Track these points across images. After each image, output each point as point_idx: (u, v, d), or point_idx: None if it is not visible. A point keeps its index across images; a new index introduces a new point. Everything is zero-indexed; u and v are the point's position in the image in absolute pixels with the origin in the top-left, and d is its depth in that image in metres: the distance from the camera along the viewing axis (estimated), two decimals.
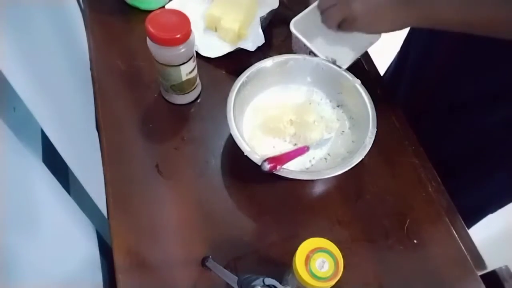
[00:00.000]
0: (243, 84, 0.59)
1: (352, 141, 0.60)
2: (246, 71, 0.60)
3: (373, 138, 0.54)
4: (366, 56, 0.73)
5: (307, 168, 0.58)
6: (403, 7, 0.52)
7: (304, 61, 0.63)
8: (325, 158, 0.59)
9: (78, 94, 0.66)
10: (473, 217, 0.75)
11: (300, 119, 0.61)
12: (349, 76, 0.60)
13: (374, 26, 0.55)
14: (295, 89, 0.65)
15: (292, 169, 0.54)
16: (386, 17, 0.53)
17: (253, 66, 0.61)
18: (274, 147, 0.59)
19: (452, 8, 0.50)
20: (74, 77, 0.67)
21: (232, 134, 0.54)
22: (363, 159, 0.53)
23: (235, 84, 0.59)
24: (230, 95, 0.58)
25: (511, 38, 0.48)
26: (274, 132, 0.60)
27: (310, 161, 0.59)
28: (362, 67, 0.71)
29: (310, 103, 0.64)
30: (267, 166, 0.50)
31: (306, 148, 0.57)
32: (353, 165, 0.53)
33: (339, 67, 0.61)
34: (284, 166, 0.53)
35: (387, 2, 0.52)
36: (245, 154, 0.53)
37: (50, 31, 0.57)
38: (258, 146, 0.59)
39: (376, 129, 0.55)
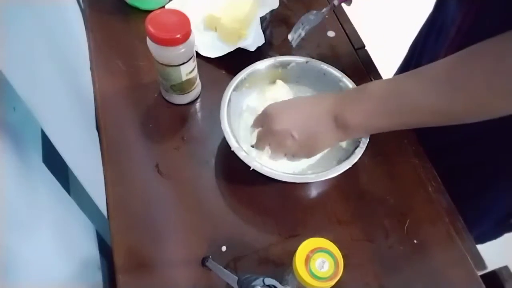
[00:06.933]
0: (241, 82, 0.60)
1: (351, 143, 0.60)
2: (245, 69, 0.61)
3: (364, 148, 0.54)
4: (367, 60, 0.73)
5: (307, 167, 0.58)
6: (336, 130, 0.50)
7: (307, 64, 0.63)
8: (319, 162, 0.59)
9: (78, 94, 0.66)
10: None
11: None
12: (349, 83, 0.60)
13: (313, 152, 0.54)
14: (295, 90, 0.65)
15: (290, 172, 0.54)
16: (322, 142, 0.52)
17: (253, 64, 0.61)
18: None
19: (385, 119, 0.48)
20: (74, 78, 0.67)
21: (223, 129, 0.55)
22: (363, 159, 0.53)
23: (232, 80, 0.60)
24: (226, 91, 0.58)
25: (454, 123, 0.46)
26: None
27: (298, 164, 0.58)
28: (362, 70, 0.71)
29: None
30: None
31: None
32: (340, 172, 0.53)
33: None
34: (282, 169, 0.53)
35: (320, 129, 0.51)
36: (232, 149, 0.53)
37: (49, 31, 0.57)
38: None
39: (368, 139, 0.55)
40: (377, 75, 0.71)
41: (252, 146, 0.57)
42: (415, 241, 0.55)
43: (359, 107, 0.49)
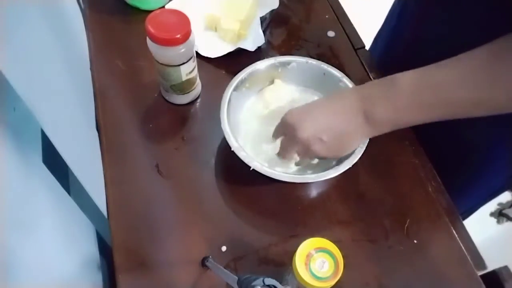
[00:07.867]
0: (241, 82, 0.60)
1: None
2: (245, 69, 0.61)
3: (364, 148, 0.54)
4: (367, 60, 0.73)
5: (308, 165, 0.58)
6: (366, 125, 0.49)
7: (307, 64, 0.63)
8: (319, 163, 0.59)
9: (78, 94, 0.66)
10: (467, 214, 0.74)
11: None
12: (349, 83, 0.60)
13: (343, 152, 0.53)
14: (294, 90, 0.65)
15: (290, 172, 0.54)
16: (352, 140, 0.52)
17: (253, 64, 0.61)
18: (272, 149, 0.59)
19: (418, 113, 0.46)
20: (74, 77, 0.67)
21: (223, 129, 0.55)
22: (363, 159, 0.53)
23: (232, 80, 0.59)
24: (226, 91, 0.58)
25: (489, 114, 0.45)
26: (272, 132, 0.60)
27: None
28: (362, 70, 0.71)
29: None
30: None
31: None
32: (340, 172, 0.53)
33: None
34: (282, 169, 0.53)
35: (349, 126, 0.50)
36: (232, 149, 0.53)
37: (49, 31, 0.57)
38: (256, 146, 0.59)
39: (368, 140, 0.55)
40: (377, 75, 0.71)
41: (278, 155, 0.56)
42: (415, 241, 0.55)
43: (390, 102, 0.47)
